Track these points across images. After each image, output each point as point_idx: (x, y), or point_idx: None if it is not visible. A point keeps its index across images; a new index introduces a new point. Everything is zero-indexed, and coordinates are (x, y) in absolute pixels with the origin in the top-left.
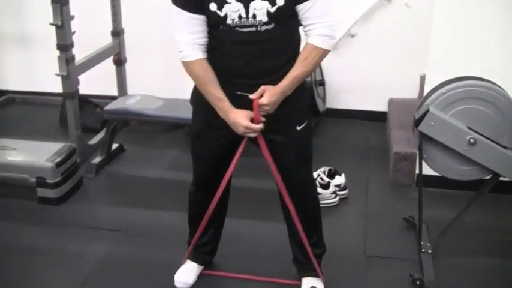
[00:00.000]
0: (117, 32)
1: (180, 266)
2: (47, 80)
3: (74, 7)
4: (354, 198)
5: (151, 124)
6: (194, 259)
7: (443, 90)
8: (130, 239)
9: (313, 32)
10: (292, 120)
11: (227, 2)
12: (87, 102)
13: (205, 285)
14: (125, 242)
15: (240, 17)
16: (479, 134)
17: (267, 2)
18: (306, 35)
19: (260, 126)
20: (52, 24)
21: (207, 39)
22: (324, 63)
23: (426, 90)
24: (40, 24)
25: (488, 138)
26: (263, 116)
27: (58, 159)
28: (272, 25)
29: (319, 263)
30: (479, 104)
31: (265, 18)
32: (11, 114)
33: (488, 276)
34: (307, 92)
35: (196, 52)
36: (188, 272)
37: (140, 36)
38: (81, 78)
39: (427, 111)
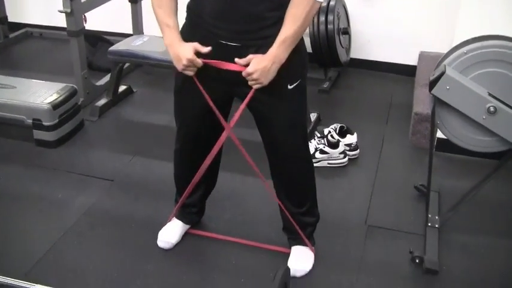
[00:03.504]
0: None
1: (166, 224)
2: None
3: None
4: (365, 160)
5: (167, 67)
6: (180, 217)
7: (464, 50)
8: (122, 190)
9: None
10: (282, 77)
11: None
12: (102, 40)
13: (189, 246)
14: (116, 193)
15: None
16: (502, 102)
17: None
18: None
19: (200, 62)
20: None
21: None
22: (352, 11)
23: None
24: None
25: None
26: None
27: (56, 101)
28: None
29: (312, 231)
30: (506, 68)
31: None
32: (27, 49)
33: (499, 260)
34: (301, 47)
35: None
36: (172, 230)
37: None
38: (99, 14)
39: (443, 73)
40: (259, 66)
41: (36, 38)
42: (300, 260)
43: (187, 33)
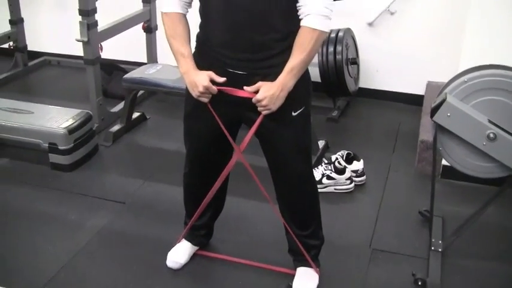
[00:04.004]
0: None
1: (175, 245)
2: None
3: None
4: (371, 186)
5: (179, 95)
6: (189, 239)
7: (464, 78)
8: (133, 212)
9: (307, 10)
10: (287, 104)
11: None
12: (117, 68)
13: (197, 267)
14: (127, 215)
15: None
16: (502, 129)
17: None
18: (299, 14)
19: (215, 89)
20: None
21: (189, 1)
22: (360, 41)
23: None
24: None
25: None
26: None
27: (71, 126)
28: None
29: (317, 254)
30: (505, 95)
31: None
32: (45, 77)
33: (500, 284)
34: (306, 75)
35: (173, 6)
36: (181, 251)
37: None
38: (115, 43)
39: (444, 100)
40: (268, 93)
41: (54, 66)
42: (305, 280)
43: (197, 61)
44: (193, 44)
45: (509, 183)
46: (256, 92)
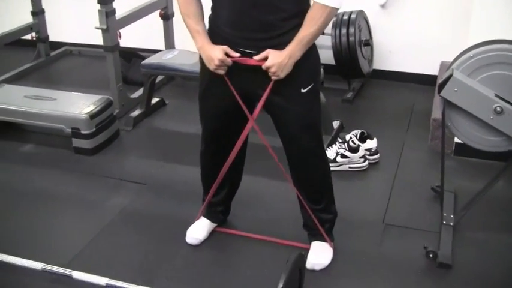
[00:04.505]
0: None
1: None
2: None
3: None
4: (385, 163)
5: (196, 79)
6: (208, 216)
7: (470, 54)
8: (153, 193)
9: None
10: (296, 81)
11: None
12: (136, 55)
13: (216, 242)
14: (148, 195)
15: None
16: (508, 102)
17: None
18: None
19: (230, 61)
20: None
21: None
22: (373, 23)
23: None
24: None
25: None
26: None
27: (93, 111)
28: None
29: (330, 228)
30: (510, 70)
31: None
32: (66, 66)
33: (510, 255)
34: (314, 53)
35: None
36: (200, 228)
37: None
38: (134, 31)
39: (451, 75)
40: (277, 61)
41: (75, 55)
42: (319, 254)
43: None
44: (207, 26)
45: None
46: (266, 59)
